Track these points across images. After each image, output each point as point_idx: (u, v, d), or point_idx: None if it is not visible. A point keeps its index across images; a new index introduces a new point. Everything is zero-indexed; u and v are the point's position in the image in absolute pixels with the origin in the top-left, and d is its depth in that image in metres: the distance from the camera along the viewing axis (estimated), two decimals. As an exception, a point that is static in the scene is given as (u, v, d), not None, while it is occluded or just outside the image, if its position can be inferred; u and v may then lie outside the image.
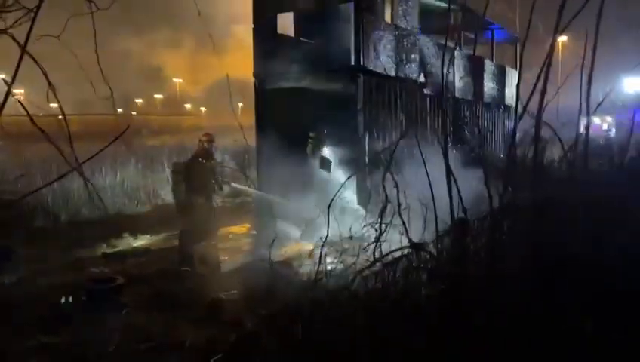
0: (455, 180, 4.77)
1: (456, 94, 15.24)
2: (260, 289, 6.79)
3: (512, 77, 18.82)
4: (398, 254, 4.81)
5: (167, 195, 14.70)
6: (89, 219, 12.79)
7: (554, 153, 5.76)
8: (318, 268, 4.67)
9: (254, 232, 11.85)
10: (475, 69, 16.43)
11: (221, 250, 9.76)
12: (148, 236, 11.92)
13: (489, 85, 17.49)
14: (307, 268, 5.04)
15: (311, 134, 11.21)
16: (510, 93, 18.56)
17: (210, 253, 9.11)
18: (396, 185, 4.88)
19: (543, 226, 4.84)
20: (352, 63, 11.09)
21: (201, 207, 9.21)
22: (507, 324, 3.99)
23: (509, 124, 17.81)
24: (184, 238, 9.30)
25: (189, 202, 9.23)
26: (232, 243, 11.19)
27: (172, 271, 8.85)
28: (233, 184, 10.32)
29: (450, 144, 7.27)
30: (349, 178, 5.15)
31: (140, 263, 9.70)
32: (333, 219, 4.84)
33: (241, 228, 12.40)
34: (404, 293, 4.58)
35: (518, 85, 5.16)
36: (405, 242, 4.77)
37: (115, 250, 10.71)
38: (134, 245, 11.24)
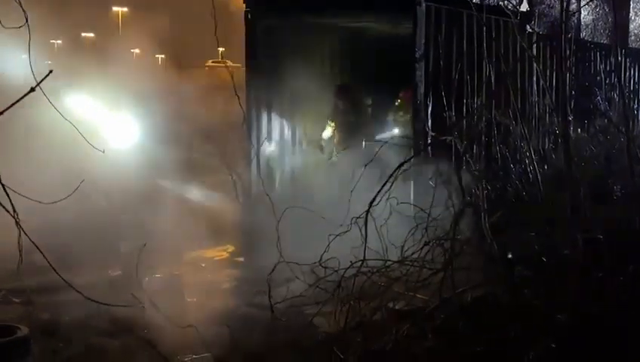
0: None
1: (583, 34, 10.59)
2: (251, 350, 4.44)
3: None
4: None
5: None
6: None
7: None
8: (347, 315, 3.09)
9: (242, 259, 7.85)
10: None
11: (187, 287, 6.44)
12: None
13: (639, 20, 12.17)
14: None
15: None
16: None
17: (170, 291, 6.02)
18: (478, 178, 3.19)
19: None
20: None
21: None
22: None
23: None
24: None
25: None
26: (205, 275, 7.41)
27: (105, 316, 5.43)
28: None
29: (571, 117, 5.06)
30: (400, 165, 3.33)
31: (57, 304, 5.94)
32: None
33: (220, 253, 8.27)
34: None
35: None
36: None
37: (17, 283, 6.35)
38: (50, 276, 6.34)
